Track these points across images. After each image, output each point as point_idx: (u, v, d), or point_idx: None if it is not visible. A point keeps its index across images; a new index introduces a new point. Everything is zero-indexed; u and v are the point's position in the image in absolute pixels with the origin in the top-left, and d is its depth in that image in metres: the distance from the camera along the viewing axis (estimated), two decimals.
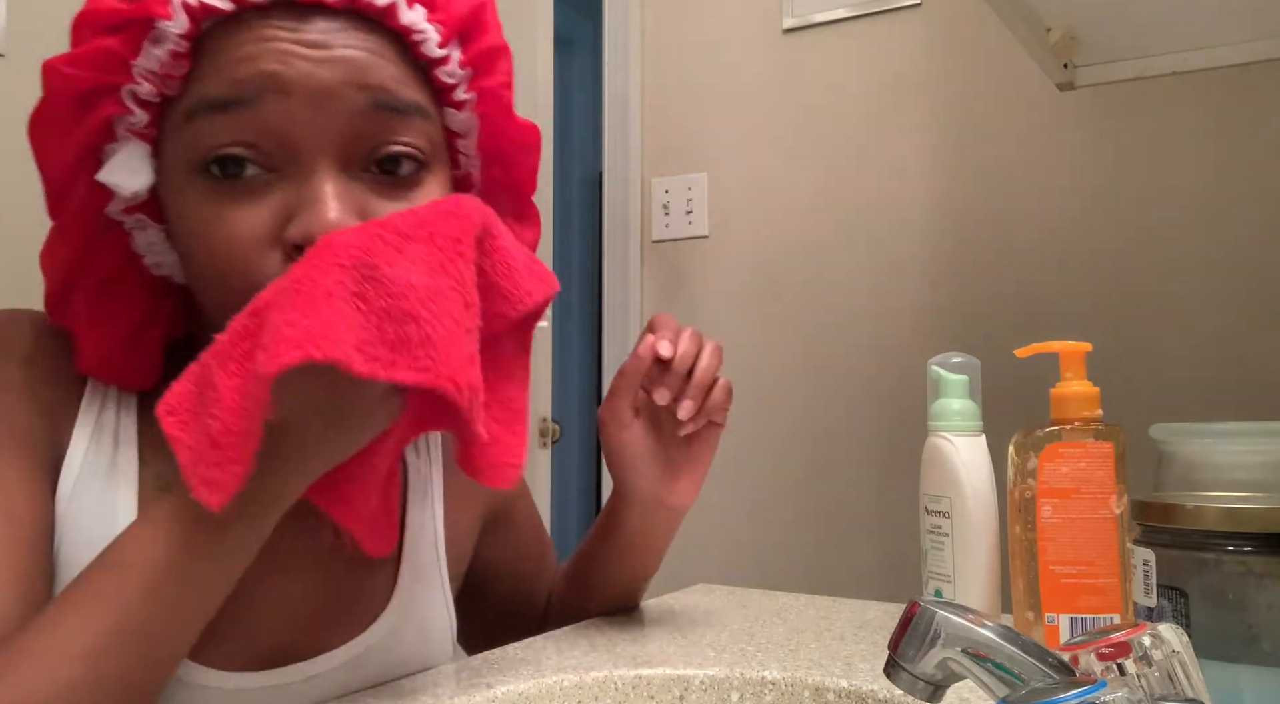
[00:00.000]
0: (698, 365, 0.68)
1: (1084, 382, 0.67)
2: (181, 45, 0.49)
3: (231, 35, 0.50)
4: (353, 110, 0.51)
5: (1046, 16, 1.16)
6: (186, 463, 0.46)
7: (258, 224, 0.50)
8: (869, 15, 1.67)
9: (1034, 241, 1.51)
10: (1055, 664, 0.37)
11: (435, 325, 0.47)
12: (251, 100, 0.49)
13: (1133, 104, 1.44)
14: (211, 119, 0.49)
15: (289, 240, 0.50)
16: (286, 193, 0.50)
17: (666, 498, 0.72)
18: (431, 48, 0.54)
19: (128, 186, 0.51)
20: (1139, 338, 1.42)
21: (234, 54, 0.49)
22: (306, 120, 0.50)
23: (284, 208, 0.50)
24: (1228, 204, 1.39)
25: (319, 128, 0.50)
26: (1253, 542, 0.46)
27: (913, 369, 1.56)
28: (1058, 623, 0.65)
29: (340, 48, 0.50)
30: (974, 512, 0.70)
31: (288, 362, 0.43)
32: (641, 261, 1.89)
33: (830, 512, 1.65)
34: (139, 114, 0.51)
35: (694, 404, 0.68)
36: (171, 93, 0.51)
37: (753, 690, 0.62)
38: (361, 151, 0.52)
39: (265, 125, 0.49)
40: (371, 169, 0.53)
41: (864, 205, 1.66)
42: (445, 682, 0.61)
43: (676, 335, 0.68)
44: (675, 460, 0.72)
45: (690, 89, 1.85)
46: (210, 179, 0.50)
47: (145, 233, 0.55)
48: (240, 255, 0.50)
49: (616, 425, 0.70)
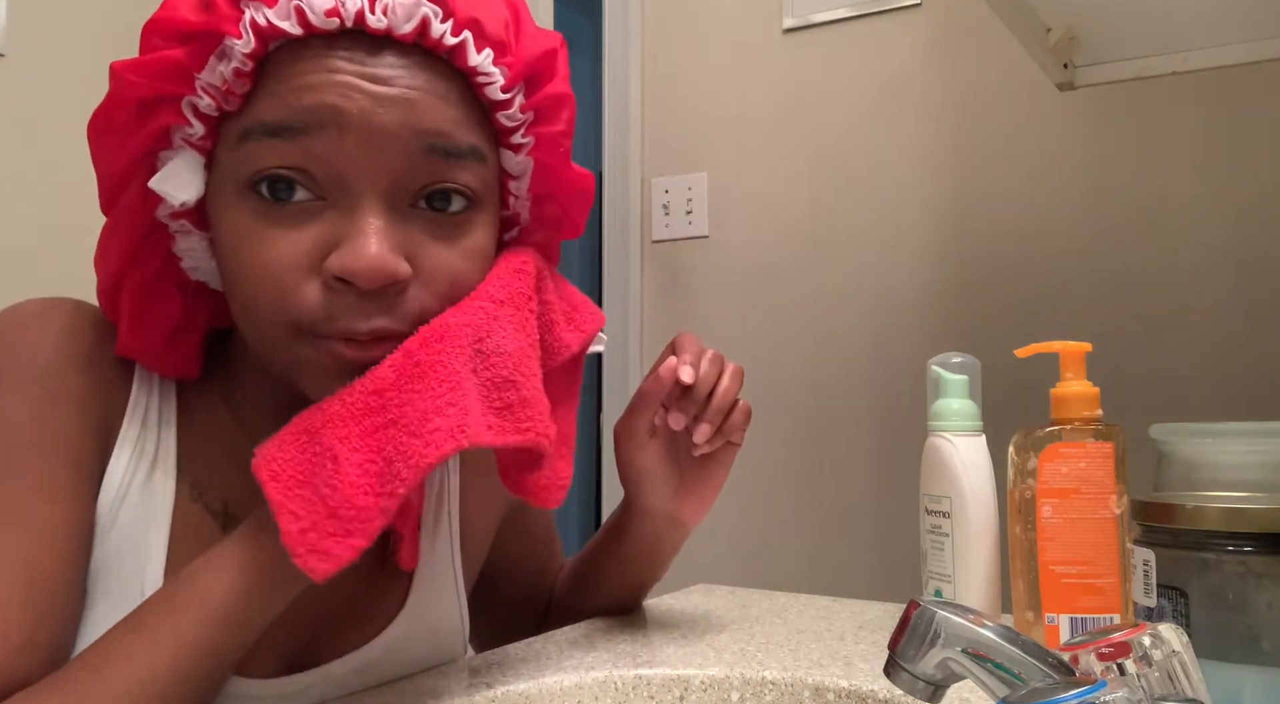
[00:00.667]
0: (717, 389, 0.67)
1: (1084, 382, 0.67)
2: (246, 64, 0.49)
3: (296, 61, 0.49)
4: (407, 152, 0.50)
5: (1046, 16, 1.16)
6: (293, 531, 0.46)
7: (299, 251, 0.50)
8: (869, 15, 1.66)
9: (1034, 241, 1.51)
10: (1055, 664, 0.37)
11: (527, 386, 0.51)
12: (307, 129, 0.49)
13: (1133, 104, 1.44)
14: (265, 142, 0.49)
15: (329, 271, 0.49)
16: (331, 223, 0.50)
17: (677, 515, 0.73)
18: (495, 91, 0.53)
19: (177, 196, 0.51)
20: (1139, 338, 1.42)
21: (296, 82, 0.49)
22: (360, 158, 0.49)
23: (327, 237, 0.50)
24: (1228, 204, 1.39)
25: (372, 166, 0.50)
26: (1253, 542, 0.46)
27: (913, 369, 1.56)
28: (1058, 623, 0.65)
29: (403, 86, 0.50)
30: (974, 512, 0.70)
31: (446, 452, 0.47)
32: (641, 261, 1.89)
33: (830, 512, 1.65)
34: (196, 126, 0.51)
35: (711, 428, 0.68)
36: (231, 109, 0.50)
37: (753, 690, 0.62)
38: (412, 190, 0.52)
39: (318, 155, 0.49)
40: (420, 205, 0.52)
41: (864, 205, 1.66)
42: (445, 681, 0.61)
43: (699, 358, 0.68)
44: (688, 478, 0.72)
45: (690, 89, 1.85)
46: (258, 199, 0.50)
47: (188, 238, 0.55)
48: (278, 280, 0.50)
49: (632, 443, 0.70)
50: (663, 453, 0.71)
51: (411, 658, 0.64)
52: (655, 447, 0.71)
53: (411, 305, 0.51)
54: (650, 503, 0.72)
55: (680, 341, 0.70)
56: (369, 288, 0.49)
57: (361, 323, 0.50)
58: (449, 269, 0.53)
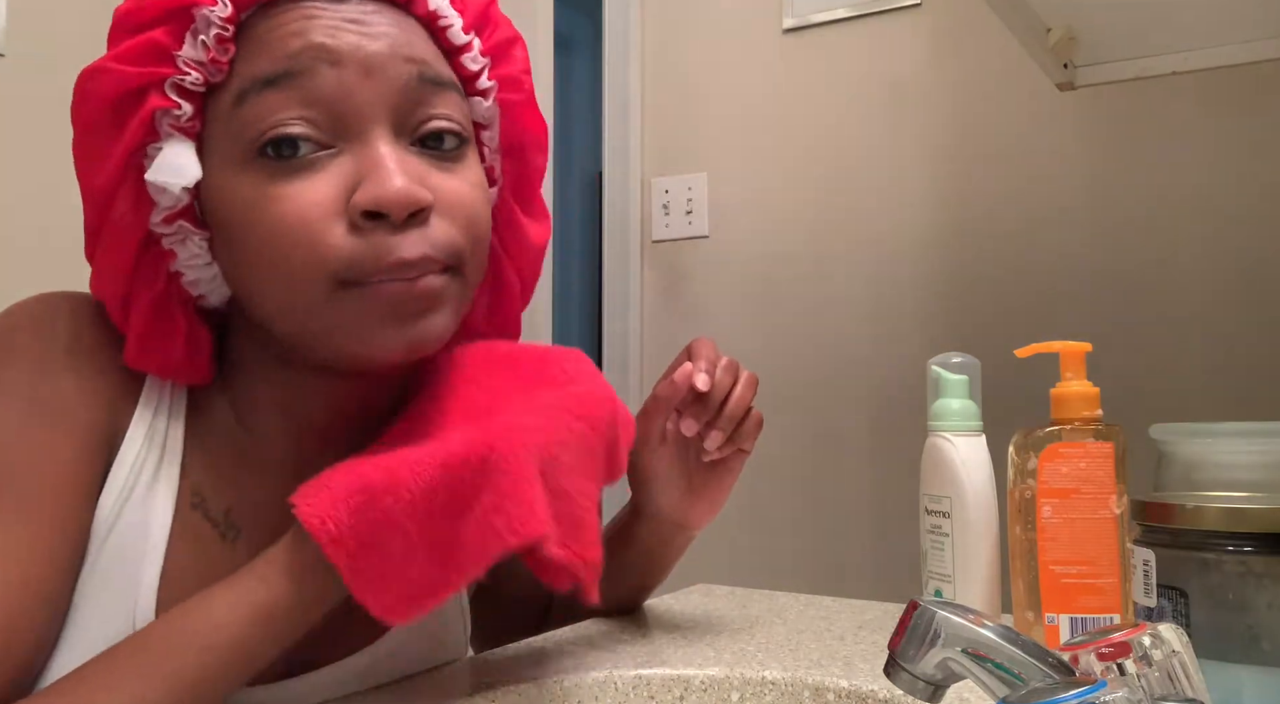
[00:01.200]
0: (731, 396, 0.68)
1: (1084, 382, 0.67)
2: (227, 29, 0.50)
3: (274, 16, 0.51)
4: (401, 80, 0.51)
5: (1046, 16, 1.16)
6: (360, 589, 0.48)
7: (323, 197, 0.50)
8: (869, 15, 1.66)
9: (1034, 241, 1.51)
10: (1055, 664, 0.37)
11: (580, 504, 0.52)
12: (304, 72, 0.49)
13: (1133, 104, 1.44)
14: (265, 97, 0.50)
15: (357, 207, 0.49)
16: (345, 166, 0.50)
17: (684, 519, 0.73)
18: (456, 33, 0.55)
19: (178, 181, 0.50)
20: (1139, 338, 1.42)
21: (280, 31, 0.50)
22: (359, 89, 0.50)
23: (345, 180, 0.50)
24: (1228, 204, 1.39)
25: (372, 96, 0.51)
26: (1253, 542, 0.46)
27: (913, 369, 1.56)
28: (1058, 623, 0.65)
29: (380, 25, 0.52)
30: (974, 512, 0.70)
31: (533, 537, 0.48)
32: (641, 261, 1.89)
33: (830, 512, 1.65)
34: (185, 106, 0.50)
35: (723, 435, 0.68)
36: (216, 81, 0.51)
37: (753, 690, 0.62)
38: (410, 123, 0.52)
39: (319, 96, 0.50)
40: (417, 145, 0.53)
41: (864, 205, 1.66)
42: (445, 681, 0.61)
43: (714, 366, 0.68)
44: (697, 484, 0.72)
45: (690, 89, 1.85)
46: (266, 160, 0.50)
47: (185, 246, 0.54)
48: (307, 226, 0.49)
49: (644, 447, 0.70)
50: (673, 457, 0.71)
51: (412, 662, 0.64)
52: (665, 451, 0.71)
53: (439, 235, 0.51)
54: (658, 506, 0.72)
55: (696, 347, 0.69)
56: (401, 215, 0.49)
57: (409, 251, 0.50)
58: (462, 197, 0.53)
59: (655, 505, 0.72)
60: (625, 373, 1.86)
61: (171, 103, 0.50)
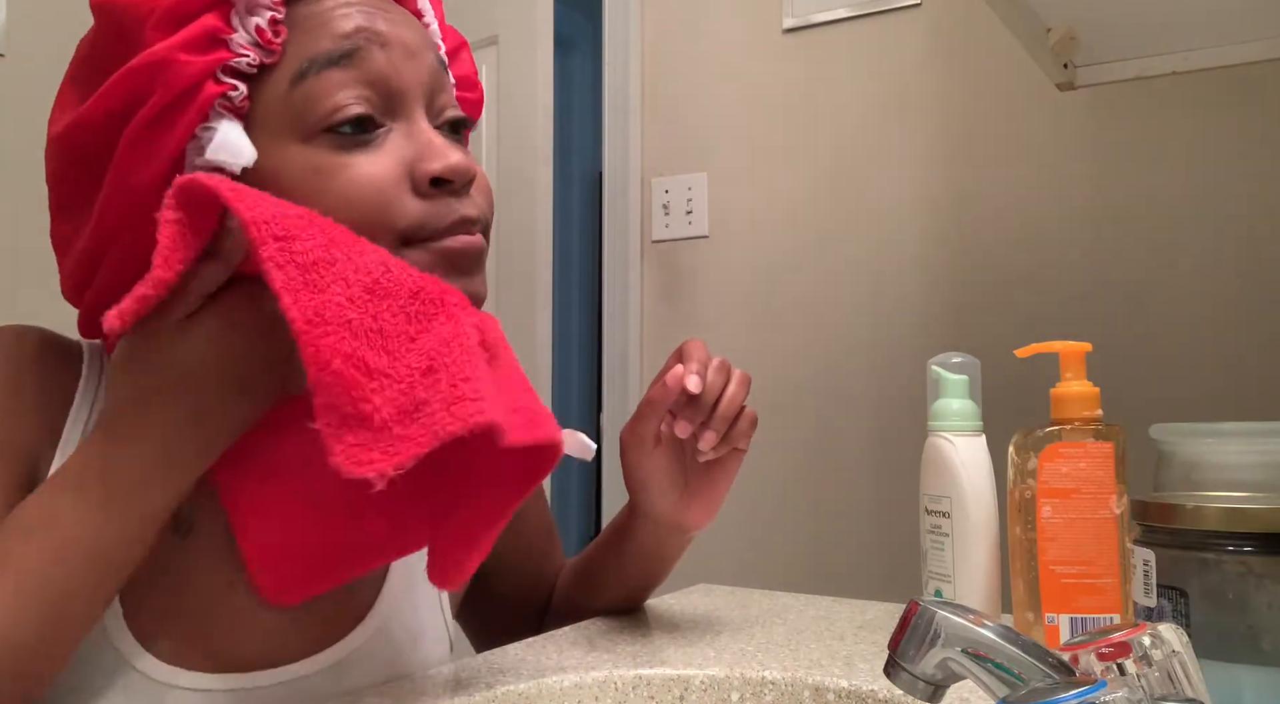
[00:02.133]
0: (724, 396, 0.68)
1: (1084, 382, 0.67)
2: (280, 11, 0.52)
3: (313, 3, 0.54)
4: (431, 64, 0.57)
5: (1046, 16, 1.16)
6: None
7: (393, 167, 0.54)
8: (869, 15, 1.67)
9: (1034, 242, 1.51)
10: (1055, 664, 0.37)
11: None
12: (360, 50, 0.53)
13: (1133, 104, 1.44)
14: (327, 75, 0.52)
15: (428, 174, 0.53)
16: (398, 141, 0.54)
17: (682, 520, 0.73)
18: (434, 31, 0.60)
19: (236, 163, 0.51)
20: (1139, 338, 1.42)
21: (328, 15, 0.53)
22: (406, 69, 0.55)
23: (404, 154, 0.54)
24: (1228, 204, 1.39)
25: (415, 78, 0.55)
26: (1253, 542, 0.46)
27: (913, 369, 1.56)
28: (1058, 623, 0.65)
29: (399, 15, 0.56)
30: (974, 512, 0.70)
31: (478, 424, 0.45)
32: (641, 261, 1.89)
33: (830, 512, 1.65)
34: (240, 87, 0.52)
35: (716, 435, 0.68)
36: (270, 62, 0.52)
37: (753, 690, 0.62)
38: (437, 107, 0.57)
39: (373, 76, 0.53)
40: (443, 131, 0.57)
41: (864, 205, 1.66)
42: (445, 682, 0.61)
43: (705, 367, 0.68)
44: (694, 484, 0.72)
45: (690, 89, 1.85)
46: (335, 136, 0.52)
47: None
48: (383, 194, 0.53)
49: (638, 451, 0.71)
50: (668, 459, 0.71)
51: (388, 660, 0.63)
52: (661, 453, 0.71)
53: (480, 202, 0.57)
54: (656, 508, 0.72)
55: (687, 349, 0.70)
56: (464, 182, 0.55)
57: (471, 209, 0.56)
58: (483, 174, 0.59)
59: (653, 507, 0.73)
60: (625, 373, 1.86)
61: (228, 86, 0.51)
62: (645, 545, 0.75)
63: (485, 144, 1.84)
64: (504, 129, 1.82)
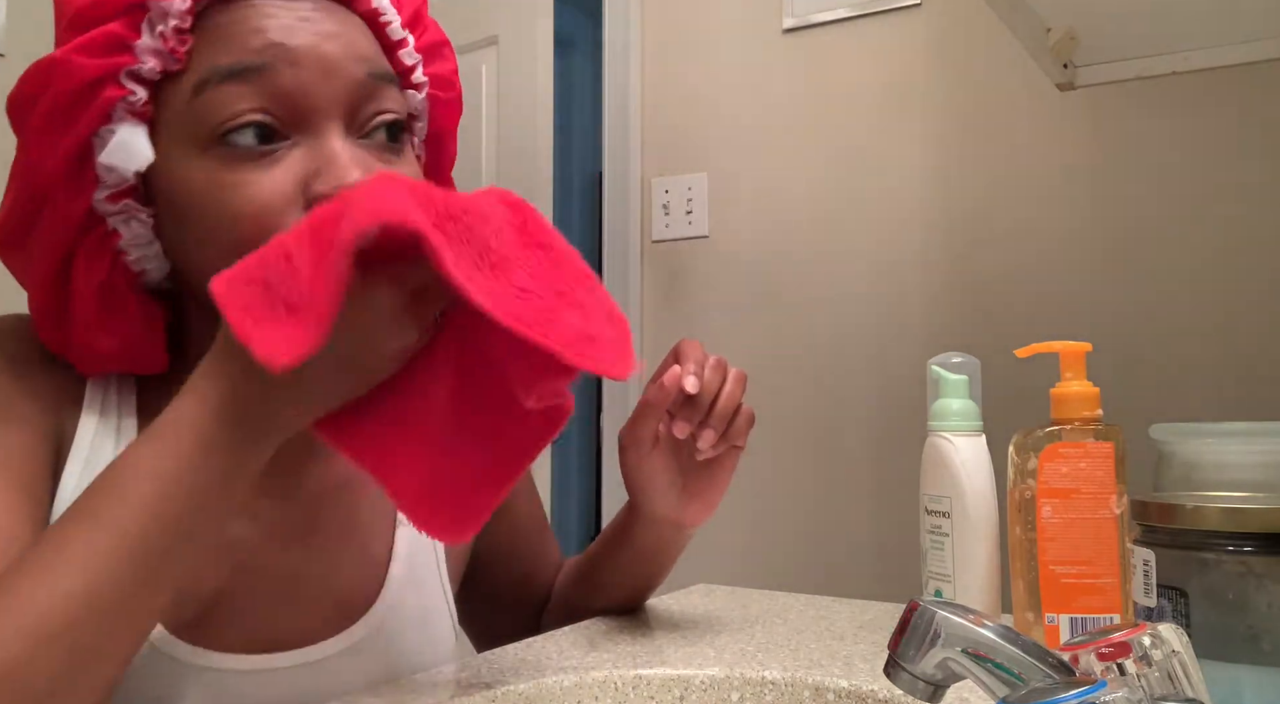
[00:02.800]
0: (721, 394, 0.68)
1: (1084, 382, 0.67)
2: (186, 21, 0.52)
3: (231, 12, 0.52)
4: (355, 79, 0.54)
5: (1046, 16, 1.16)
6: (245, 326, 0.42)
7: (283, 186, 0.52)
8: (869, 15, 1.67)
9: (1034, 241, 1.51)
10: (1055, 664, 0.37)
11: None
12: (265, 67, 0.52)
13: (1133, 104, 1.44)
14: (225, 88, 0.51)
15: (319, 196, 0.51)
16: (301, 158, 0.53)
17: (681, 519, 0.73)
18: (395, 30, 0.59)
19: (132, 164, 0.52)
20: (1139, 338, 1.42)
21: (240, 27, 0.52)
22: (317, 88, 0.53)
23: (301, 170, 0.52)
24: (1228, 204, 1.39)
25: (328, 95, 0.53)
26: (1253, 542, 0.46)
27: (913, 369, 1.56)
28: (1058, 623, 0.65)
29: (331, 25, 0.54)
30: (974, 512, 0.70)
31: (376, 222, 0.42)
32: (641, 261, 1.89)
33: (830, 512, 1.65)
34: (140, 92, 0.52)
35: (715, 434, 0.68)
36: (173, 69, 0.52)
37: (753, 690, 0.62)
38: (360, 118, 0.55)
39: (279, 91, 0.52)
40: (367, 137, 0.56)
41: (864, 205, 1.66)
42: (445, 682, 0.61)
43: (702, 366, 0.68)
44: (692, 483, 0.72)
45: (690, 89, 1.85)
46: (226, 148, 0.52)
47: (129, 226, 0.55)
48: (266, 216, 0.51)
49: (637, 451, 0.71)
50: (667, 459, 0.71)
51: (400, 644, 0.64)
52: (659, 453, 0.71)
53: None
54: (655, 508, 0.73)
55: (683, 349, 0.70)
56: None
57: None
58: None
59: (652, 507, 0.73)
60: None
61: (128, 91, 0.52)
62: (645, 544, 0.76)
63: (485, 144, 1.84)
64: (504, 129, 1.82)
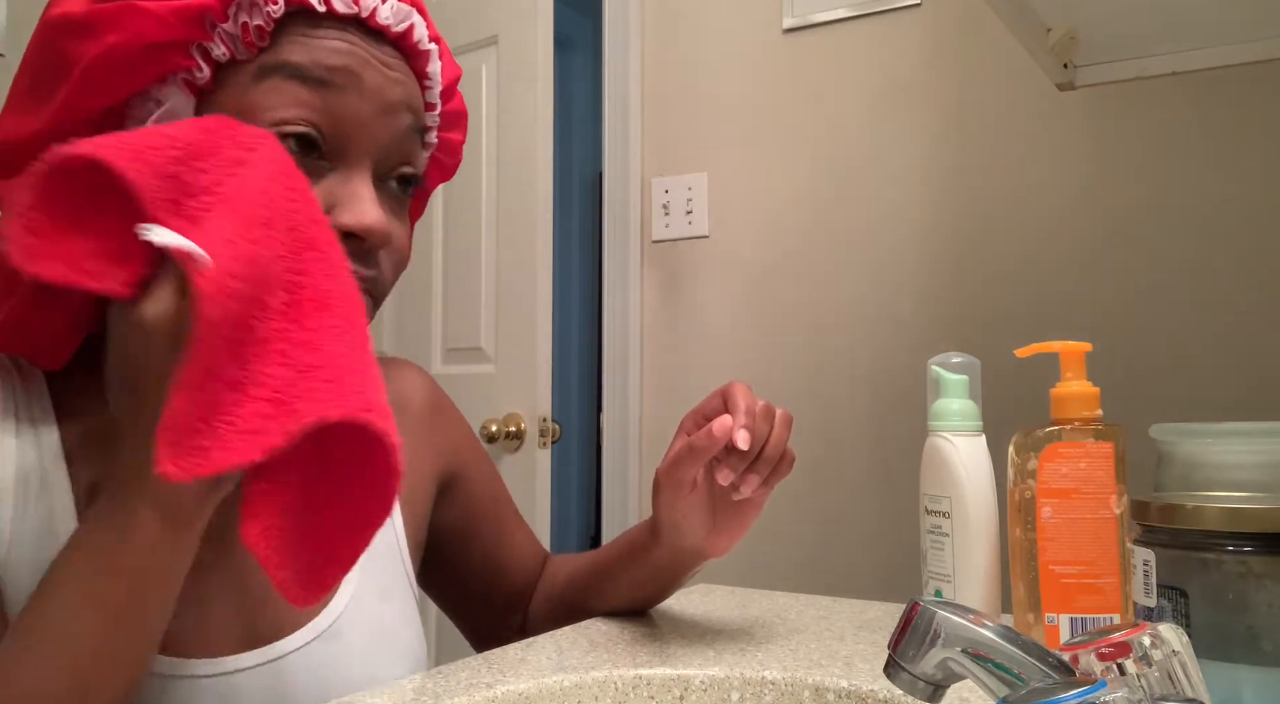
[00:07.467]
0: (770, 440, 0.67)
1: (1084, 382, 0.67)
2: (270, 24, 0.52)
3: (314, 28, 0.54)
4: (401, 128, 0.57)
5: (1046, 16, 1.16)
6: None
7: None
8: (869, 15, 1.67)
9: (1034, 241, 1.51)
10: (1055, 664, 0.37)
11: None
12: (332, 85, 0.53)
13: (1133, 104, 1.44)
14: (288, 86, 0.52)
15: (343, 226, 0.53)
16: (329, 185, 0.54)
17: (708, 551, 0.73)
18: (434, 95, 0.61)
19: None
20: (1139, 338, 1.42)
21: (321, 42, 0.53)
22: (369, 124, 0.55)
23: (325, 195, 0.54)
24: (1228, 204, 1.39)
25: (375, 135, 0.55)
26: (1253, 542, 0.46)
27: (913, 369, 1.56)
28: (1058, 623, 0.65)
29: (399, 73, 0.57)
30: (974, 512, 0.70)
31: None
32: (641, 261, 1.89)
33: (830, 511, 1.65)
34: (205, 70, 0.52)
35: (759, 479, 0.67)
36: (241, 58, 0.53)
37: (753, 690, 0.62)
38: (389, 165, 0.57)
39: (336, 113, 0.54)
40: (389, 184, 0.58)
41: (864, 205, 1.66)
42: (445, 682, 0.61)
43: (753, 418, 0.66)
44: (722, 519, 0.72)
45: (690, 89, 1.85)
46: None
47: None
48: None
49: (674, 493, 0.70)
50: (703, 498, 0.71)
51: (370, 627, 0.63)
52: (696, 494, 0.71)
53: (384, 265, 0.58)
54: (684, 542, 0.73)
55: (733, 396, 0.68)
56: (375, 244, 0.55)
57: (367, 270, 0.56)
58: (403, 243, 0.60)
59: (681, 542, 0.73)
60: (625, 373, 1.86)
61: (195, 64, 0.52)
62: (663, 566, 0.76)
63: (485, 144, 1.84)
64: (504, 129, 1.82)
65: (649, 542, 0.75)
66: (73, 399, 0.57)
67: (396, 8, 0.56)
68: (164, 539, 0.47)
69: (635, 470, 1.86)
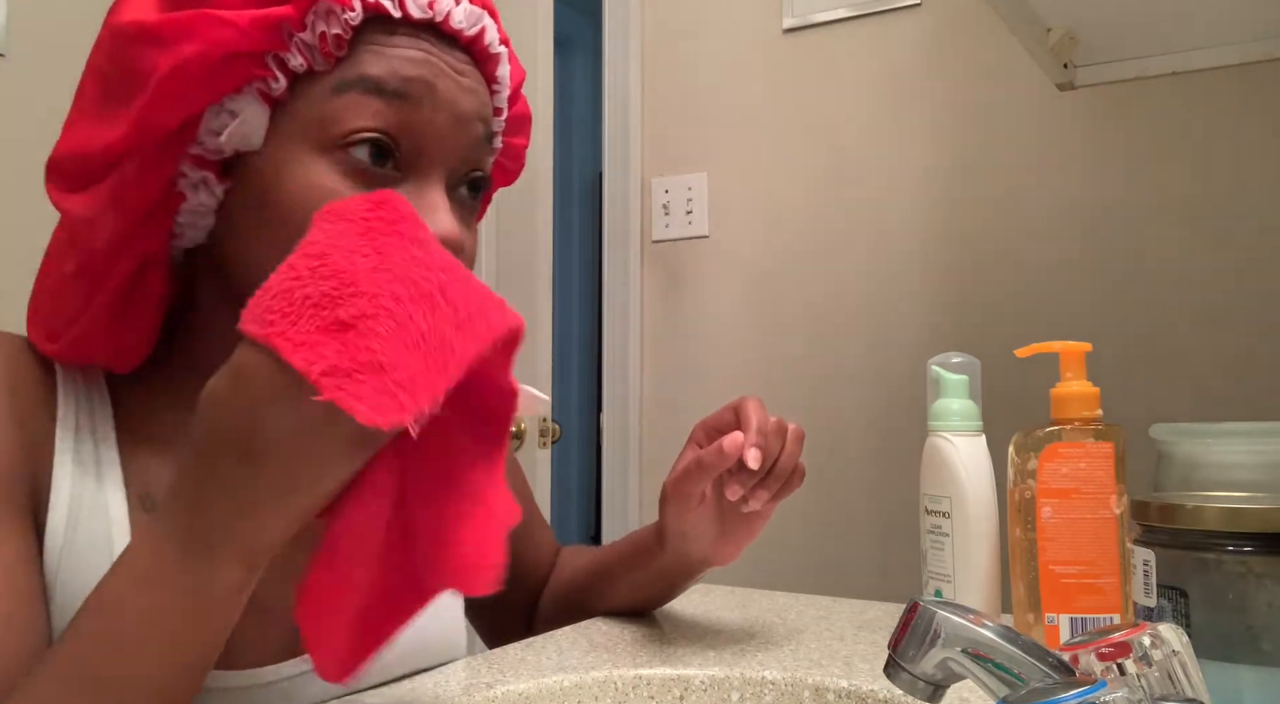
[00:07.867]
0: (781, 457, 0.67)
1: (1084, 382, 0.67)
2: (348, 32, 0.52)
3: (391, 37, 0.53)
4: (473, 137, 0.56)
5: (1046, 16, 1.16)
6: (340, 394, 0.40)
7: None
8: (869, 15, 1.67)
9: (1034, 241, 1.51)
10: (1055, 664, 0.37)
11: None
12: (408, 97, 0.52)
13: (1133, 104, 1.44)
14: (366, 99, 0.52)
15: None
16: (403, 192, 0.53)
17: (711, 559, 0.73)
18: (501, 99, 0.60)
19: (238, 145, 0.51)
20: (1139, 338, 1.42)
21: (397, 53, 0.53)
22: (443, 135, 0.54)
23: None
24: (1228, 203, 1.39)
25: (448, 145, 0.55)
26: (1253, 542, 0.46)
27: (913, 369, 1.56)
28: (1058, 623, 0.65)
29: (472, 80, 0.56)
30: (974, 512, 0.70)
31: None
32: (641, 261, 1.89)
33: (830, 512, 1.65)
34: (281, 81, 0.51)
35: (769, 494, 0.67)
36: (319, 69, 0.52)
37: (753, 690, 0.62)
38: (461, 172, 0.57)
39: (411, 125, 0.53)
40: (459, 191, 0.57)
41: (864, 205, 1.66)
42: (446, 682, 0.61)
43: (764, 436, 0.66)
44: (729, 529, 0.72)
45: (690, 89, 1.85)
46: (343, 155, 0.51)
47: (197, 193, 0.53)
48: None
49: (682, 505, 0.70)
50: (710, 511, 0.71)
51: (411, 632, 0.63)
52: (704, 507, 0.71)
53: None
54: (689, 551, 0.73)
55: (745, 412, 0.68)
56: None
57: None
58: (473, 250, 0.59)
59: (688, 551, 0.73)
60: (625, 373, 1.86)
61: (271, 74, 0.51)
62: (668, 571, 0.76)
63: None
64: None
65: (654, 547, 0.75)
66: (135, 408, 0.58)
67: (470, 11, 0.55)
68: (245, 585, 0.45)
69: (635, 471, 1.86)
